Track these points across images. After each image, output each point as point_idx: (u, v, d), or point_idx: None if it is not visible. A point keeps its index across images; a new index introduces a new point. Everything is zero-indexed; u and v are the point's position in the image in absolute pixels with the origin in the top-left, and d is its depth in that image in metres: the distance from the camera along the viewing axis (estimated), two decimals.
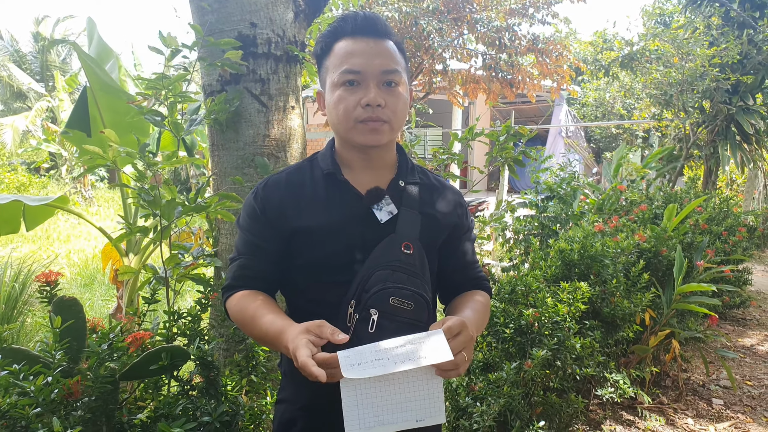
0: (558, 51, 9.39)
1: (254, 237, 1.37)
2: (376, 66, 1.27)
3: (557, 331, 2.65)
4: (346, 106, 1.27)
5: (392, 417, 1.11)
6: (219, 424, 1.60)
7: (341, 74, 1.27)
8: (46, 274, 1.73)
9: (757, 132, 7.94)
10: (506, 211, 4.74)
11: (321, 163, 1.40)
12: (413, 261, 1.30)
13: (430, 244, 1.37)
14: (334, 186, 1.35)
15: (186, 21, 5.46)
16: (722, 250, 4.93)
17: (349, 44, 1.29)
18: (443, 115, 16.12)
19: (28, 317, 4.56)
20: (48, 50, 23.90)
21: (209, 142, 2.67)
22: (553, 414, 2.74)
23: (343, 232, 1.30)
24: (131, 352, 1.65)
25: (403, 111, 1.33)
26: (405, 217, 1.33)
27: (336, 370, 1.06)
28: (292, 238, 1.33)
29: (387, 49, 1.30)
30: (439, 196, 1.44)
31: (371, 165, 1.38)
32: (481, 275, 1.53)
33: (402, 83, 1.32)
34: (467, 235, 1.51)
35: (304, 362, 1.04)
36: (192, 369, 1.81)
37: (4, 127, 18.76)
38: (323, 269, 1.31)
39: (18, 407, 1.33)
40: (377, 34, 1.30)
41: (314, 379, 1.03)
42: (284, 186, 1.37)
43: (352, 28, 1.30)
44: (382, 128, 1.29)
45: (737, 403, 3.84)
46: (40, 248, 8.94)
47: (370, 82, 1.27)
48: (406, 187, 1.38)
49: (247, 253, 1.38)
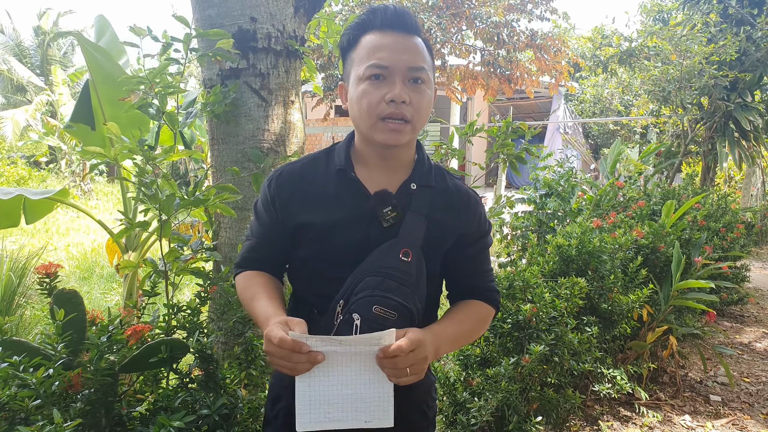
0: (556, 47, 9.39)
1: (264, 224, 1.41)
2: (403, 62, 1.24)
3: (555, 326, 2.66)
4: (369, 101, 1.25)
5: (342, 415, 1.15)
6: (218, 416, 1.61)
7: (368, 68, 1.25)
8: (46, 266, 1.73)
9: (755, 129, 7.95)
10: (505, 207, 4.75)
11: (336, 157, 1.38)
12: (409, 269, 1.27)
13: (432, 250, 1.35)
14: (344, 183, 1.33)
15: (187, 16, 5.48)
16: (720, 247, 4.94)
17: (377, 38, 1.27)
18: (441, 110, 16.13)
19: (26, 309, 4.56)
20: (49, 44, 23.84)
21: (209, 136, 2.68)
22: (550, 409, 2.75)
23: (345, 231, 1.29)
24: (131, 345, 1.66)
25: (426, 110, 1.30)
26: (410, 221, 1.31)
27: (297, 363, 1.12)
28: (296, 231, 1.34)
29: (415, 46, 1.28)
30: (452, 201, 1.40)
31: (387, 164, 1.36)
32: (489, 286, 1.48)
33: (428, 81, 1.29)
34: (479, 244, 1.46)
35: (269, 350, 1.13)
36: (191, 362, 1.82)
37: (4, 121, 18.72)
38: (324, 264, 1.31)
39: (18, 399, 1.33)
40: (406, 29, 1.28)
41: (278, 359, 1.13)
42: (297, 178, 1.36)
43: (381, 21, 1.27)
44: (404, 129, 1.26)
45: (735, 399, 3.86)
46: (39, 241, 8.93)
47: (396, 78, 1.24)
48: (417, 190, 1.35)
49: (256, 236, 1.43)
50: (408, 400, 1.32)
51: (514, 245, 5.31)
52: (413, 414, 1.39)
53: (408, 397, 1.31)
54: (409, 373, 1.15)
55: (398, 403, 1.21)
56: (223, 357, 2.26)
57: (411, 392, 1.31)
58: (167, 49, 2.23)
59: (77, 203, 3.64)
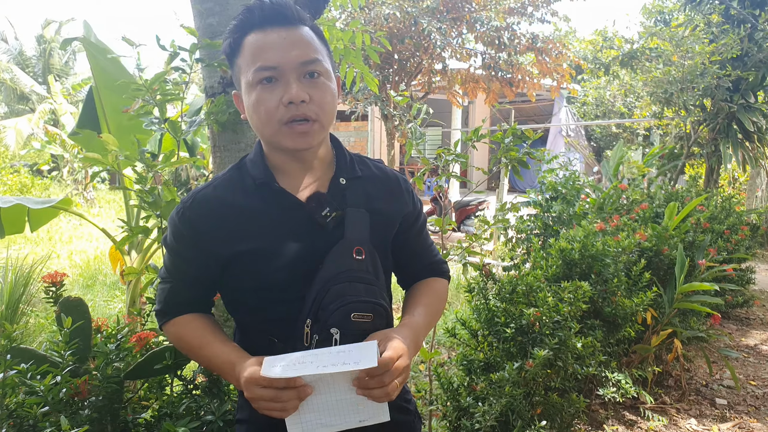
0: (557, 49, 9.41)
1: (182, 262, 1.26)
2: (293, 58, 1.14)
3: (558, 330, 2.66)
4: (267, 108, 1.14)
5: (334, 420, 1.10)
6: (222, 423, 1.61)
7: (255, 72, 1.14)
8: (52, 274, 1.74)
9: (758, 130, 7.93)
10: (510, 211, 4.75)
11: (251, 170, 1.25)
12: (366, 267, 1.21)
13: (381, 241, 1.29)
14: (270, 197, 1.22)
15: (188, 24, 5.47)
16: (724, 249, 4.93)
17: (259, 38, 1.15)
18: (442, 114, 16.13)
19: (30, 318, 4.58)
20: (51, 53, 23.96)
21: (210, 144, 2.69)
22: (554, 414, 2.74)
23: (288, 247, 1.19)
24: (135, 352, 1.67)
25: (331, 103, 1.20)
26: (352, 217, 1.23)
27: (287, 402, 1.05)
28: (230, 262, 1.21)
29: (302, 38, 1.17)
30: (383, 186, 1.33)
31: (306, 166, 1.26)
32: (437, 259, 1.47)
33: (325, 72, 1.18)
34: (418, 221, 1.42)
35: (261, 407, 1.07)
36: (195, 368, 1.82)
37: (7, 129, 18.81)
38: (273, 287, 1.20)
39: (26, 406, 1.34)
40: (289, 21, 1.17)
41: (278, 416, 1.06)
42: (214, 204, 1.21)
43: (260, 18, 1.16)
44: (312, 129, 1.16)
45: (741, 403, 3.85)
46: (42, 249, 8.96)
47: (290, 77, 1.14)
48: (348, 184, 1.27)
49: (176, 278, 1.28)
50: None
51: (518, 248, 5.30)
52: (395, 415, 1.31)
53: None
54: (398, 384, 1.09)
55: None
56: None
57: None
58: (174, 59, 2.24)
59: (79, 211, 3.66)
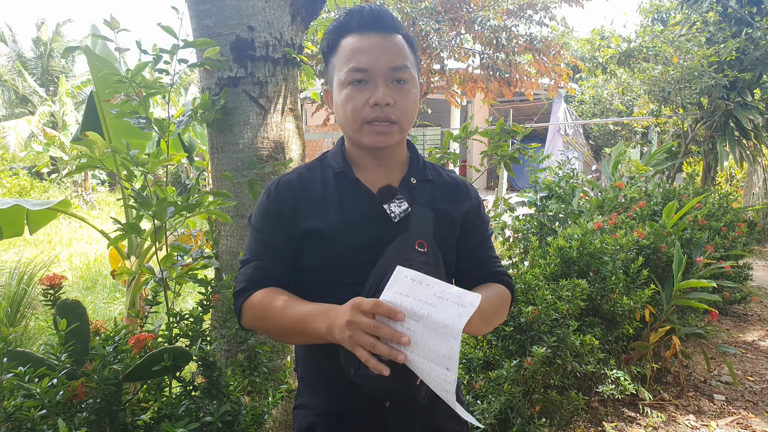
0: (555, 50, 9.41)
1: (269, 237, 1.32)
2: (384, 63, 1.23)
3: (557, 328, 2.67)
4: (353, 106, 1.24)
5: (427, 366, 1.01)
6: (221, 424, 1.62)
7: (348, 72, 1.24)
8: (50, 277, 1.75)
9: (755, 127, 7.94)
10: (505, 210, 4.75)
11: (332, 161, 1.37)
12: (427, 260, 1.25)
13: (444, 240, 1.34)
14: (345, 185, 1.32)
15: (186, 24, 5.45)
16: (722, 246, 4.94)
17: (355, 40, 1.25)
18: (441, 114, 16.16)
19: (30, 320, 4.58)
20: (50, 55, 23.90)
21: (209, 145, 2.69)
22: (554, 411, 2.75)
23: (355, 232, 1.27)
24: (134, 354, 1.67)
25: (412, 109, 1.29)
26: (418, 214, 1.30)
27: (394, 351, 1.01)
28: (304, 238, 1.29)
29: (395, 45, 1.26)
30: (451, 192, 1.41)
31: (382, 164, 1.36)
32: (500, 270, 1.46)
33: (411, 80, 1.28)
34: (482, 229, 1.46)
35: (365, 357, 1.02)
36: (194, 370, 1.82)
37: (7, 131, 18.79)
38: (336, 270, 1.27)
39: (23, 409, 1.34)
40: (385, 28, 1.26)
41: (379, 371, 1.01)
42: (296, 185, 1.33)
43: (359, 23, 1.26)
44: (391, 130, 1.26)
45: (739, 398, 3.86)
46: (42, 252, 8.96)
47: (379, 80, 1.23)
48: (417, 184, 1.36)
49: (261, 254, 1.32)
50: (439, 408, 1.20)
51: (516, 248, 5.31)
52: (447, 423, 1.34)
53: (438, 405, 1.15)
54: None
55: (431, 413, 1.23)
56: (226, 364, 2.27)
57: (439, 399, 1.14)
58: (158, 62, 2.21)
59: (78, 213, 3.66)
